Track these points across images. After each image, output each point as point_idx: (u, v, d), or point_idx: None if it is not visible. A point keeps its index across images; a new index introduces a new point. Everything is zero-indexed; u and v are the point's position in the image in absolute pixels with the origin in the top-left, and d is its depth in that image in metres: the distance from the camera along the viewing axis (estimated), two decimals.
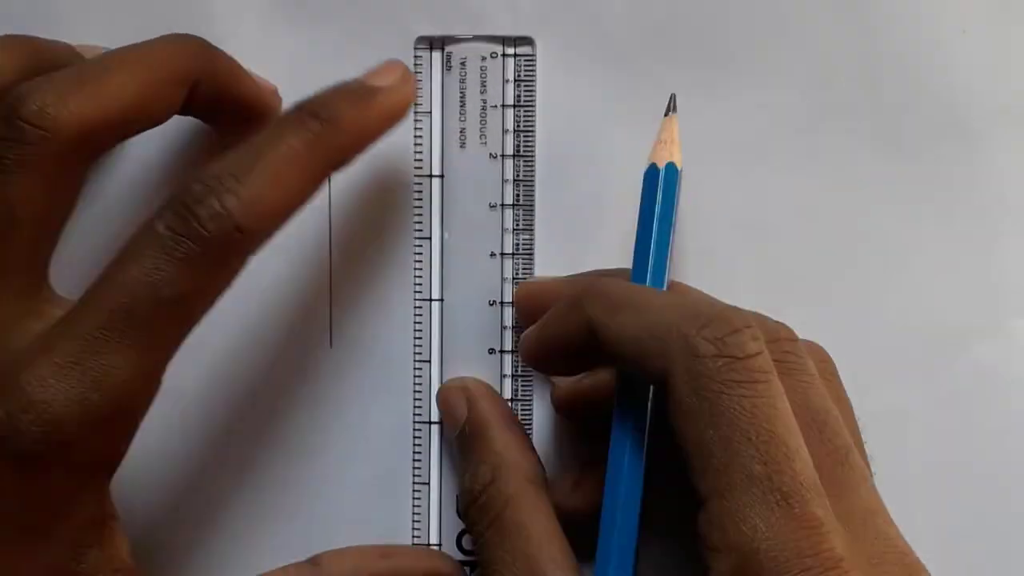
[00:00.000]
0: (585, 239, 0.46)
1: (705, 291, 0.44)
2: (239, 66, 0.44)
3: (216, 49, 0.42)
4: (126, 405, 0.36)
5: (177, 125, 0.46)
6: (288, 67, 0.46)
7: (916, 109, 0.46)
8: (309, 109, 0.39)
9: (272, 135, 0.38)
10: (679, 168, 0.42)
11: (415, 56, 0.46)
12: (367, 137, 0.41)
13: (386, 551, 0.45)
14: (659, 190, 0.42)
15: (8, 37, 0.41)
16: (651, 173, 0.42)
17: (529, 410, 0.46)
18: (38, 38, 0.42)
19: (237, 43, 0.45)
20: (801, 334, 0.39)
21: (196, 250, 0.36)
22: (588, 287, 0.40)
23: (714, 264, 0.46)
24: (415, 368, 0.46)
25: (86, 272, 0.38)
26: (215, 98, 0.42)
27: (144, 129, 0.40)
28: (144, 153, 0.47)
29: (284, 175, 0.38)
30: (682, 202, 0.43)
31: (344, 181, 0.46)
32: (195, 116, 0.44)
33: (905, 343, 0.45)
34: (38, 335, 0.37)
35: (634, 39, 0.46)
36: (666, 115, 0.43)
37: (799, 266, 0.46)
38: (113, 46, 0.42)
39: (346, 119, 0.39)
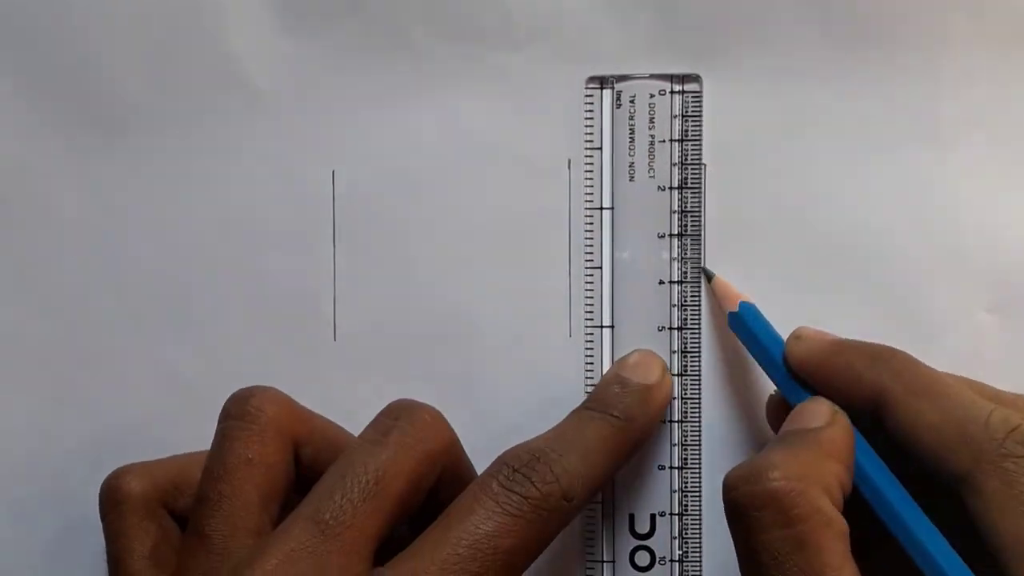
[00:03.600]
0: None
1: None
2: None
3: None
4: None
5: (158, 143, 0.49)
6: (292, 75, 0.49)
7: (889, 111, 0.47)
8: (601, 406, 0.44)
9: (577, 425, 0.44)
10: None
11: (586, 94, 0.48)
12: (650, 431, 0.46)
13: None
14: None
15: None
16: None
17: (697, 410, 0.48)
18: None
19: (243, 53, 0.48)
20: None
21: (527, 507, 0.40)
22: (890, 356, 0.42)
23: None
24: (586, 393, 0.48)
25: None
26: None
27: None
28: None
29: (594, 453, 0.42)
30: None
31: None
32: None
33: (880, 336, 0.46)
34: None
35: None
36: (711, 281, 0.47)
37: (778, 261, 0.48)
38: (121, 54, 0.48)
39: (638, 418, 0.44)
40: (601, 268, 0.48)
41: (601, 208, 0.48)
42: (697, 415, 0.48)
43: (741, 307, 0.46)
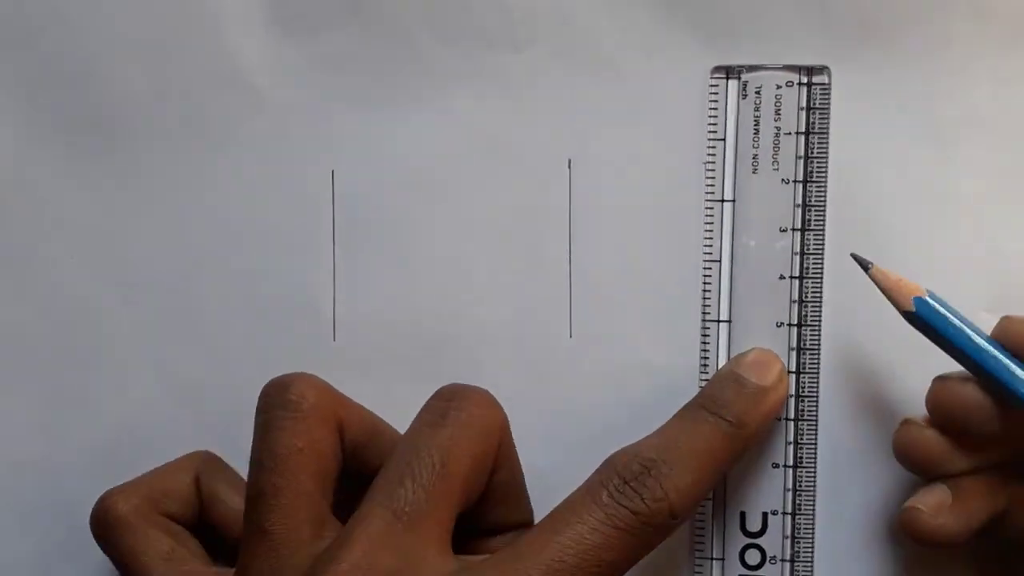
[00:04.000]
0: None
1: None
2: None
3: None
4: None
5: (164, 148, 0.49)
6: (292, 75, 0.49)
7: (891, 114, 0.47)
8: (714, 406, 0.43)
9: (689, 430, 0.42)
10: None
11: (711, 84, 0.47)
12: (761, 436, 0.45)
13: None
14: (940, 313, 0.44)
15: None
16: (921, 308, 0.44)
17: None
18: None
19: (243, 53, 0.48)
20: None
21: (635, 523, 0.39)
22: None
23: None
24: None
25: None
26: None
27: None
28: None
29: (704, 468, 0.41)
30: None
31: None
32: None
33: (880, 336, 0.46)
34: None
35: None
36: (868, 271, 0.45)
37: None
38: (121, 54, 0.48)
39: (751, 424, 0.43)
40: (720, 261, 0.47)
41: (723, 200, 0.47)
42: (814, 413, 0.47)
43: (921, 301, 0.44)
